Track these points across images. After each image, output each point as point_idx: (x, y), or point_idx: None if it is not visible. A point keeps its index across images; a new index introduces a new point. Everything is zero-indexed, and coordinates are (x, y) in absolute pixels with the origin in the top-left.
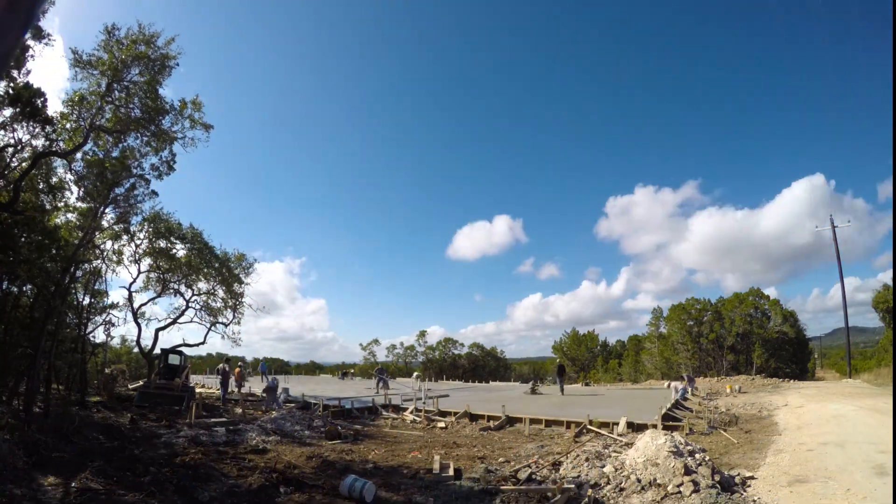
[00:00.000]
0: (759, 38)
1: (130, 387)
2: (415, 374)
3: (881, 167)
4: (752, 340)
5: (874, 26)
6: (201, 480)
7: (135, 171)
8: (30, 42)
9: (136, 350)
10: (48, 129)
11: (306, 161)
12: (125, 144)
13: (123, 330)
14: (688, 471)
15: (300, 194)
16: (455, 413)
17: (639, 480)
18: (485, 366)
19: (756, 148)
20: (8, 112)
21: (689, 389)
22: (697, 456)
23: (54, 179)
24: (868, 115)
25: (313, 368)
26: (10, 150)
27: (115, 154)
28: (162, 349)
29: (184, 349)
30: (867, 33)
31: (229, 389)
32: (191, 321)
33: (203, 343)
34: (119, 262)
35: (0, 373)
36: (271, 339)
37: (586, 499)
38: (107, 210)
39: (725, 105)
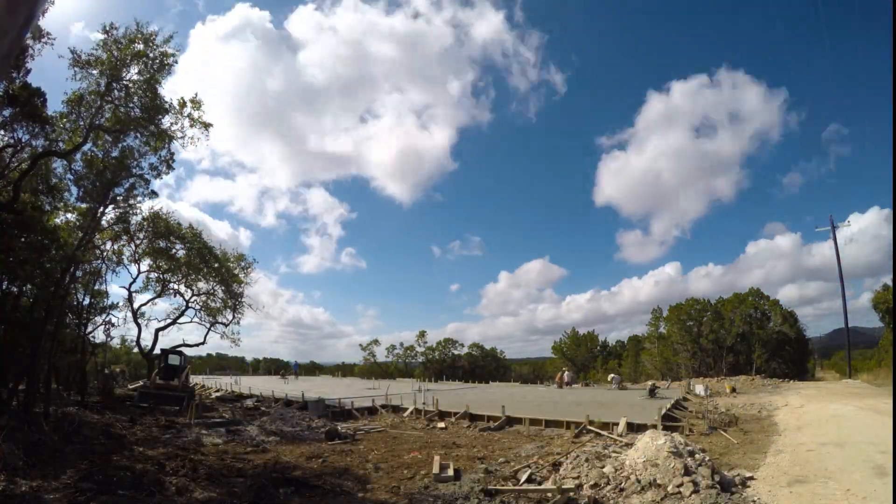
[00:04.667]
0: None
1: (130, 387)
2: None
3: None
4: (751, 341)
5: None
6: (201, 480)
7: (134, 170)
8: (29, 41)
9: (136, 350)
10: (47, 129)
11: None
12: (124, 144)
13: (123, 330)
14: (687, 471)
15: None
16: (455, 413)
17: (639, 481)
18: (484, 366)
19: None
20: (7, 112)
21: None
22: (697, 456)
23: (54, 180)
24: None
25: (312, 369)
26: (10, 150)
27: (114, 154)
28: (162, 349)
29: (184, 349)
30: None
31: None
32: (191, 321)
33: (203, 343)
34: (119, 263)
35: (0, 373)
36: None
37: (586, 499)
38: (106, 210)
39: None
